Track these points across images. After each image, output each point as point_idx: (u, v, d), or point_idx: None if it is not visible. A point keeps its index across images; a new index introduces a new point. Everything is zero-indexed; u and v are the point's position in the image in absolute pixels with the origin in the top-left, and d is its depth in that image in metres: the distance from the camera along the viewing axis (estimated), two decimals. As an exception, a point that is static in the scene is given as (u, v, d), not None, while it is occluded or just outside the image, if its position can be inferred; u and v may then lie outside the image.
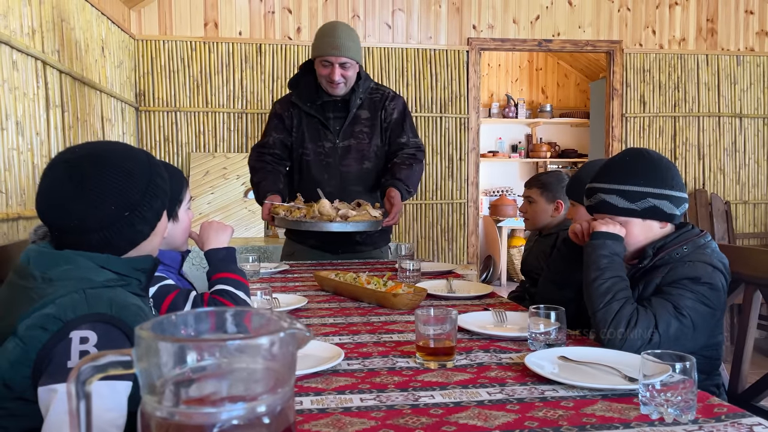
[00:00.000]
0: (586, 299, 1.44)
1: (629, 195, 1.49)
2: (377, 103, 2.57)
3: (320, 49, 2.41)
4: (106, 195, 1.05)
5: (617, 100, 4.99)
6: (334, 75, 2.40)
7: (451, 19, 4.79)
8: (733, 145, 5.11)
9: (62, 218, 1.05)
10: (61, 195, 1.04)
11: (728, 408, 0.96)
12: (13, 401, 0.94)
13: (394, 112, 2.57)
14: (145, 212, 1.10)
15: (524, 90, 7.30)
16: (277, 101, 2.67)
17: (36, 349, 0.92)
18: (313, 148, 2.55)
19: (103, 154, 1.09)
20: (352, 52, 2.40)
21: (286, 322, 0.51)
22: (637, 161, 1.52)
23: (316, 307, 1.74)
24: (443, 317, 1.20)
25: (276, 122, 2.59)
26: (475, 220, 4.95)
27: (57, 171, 1.07)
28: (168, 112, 4.51)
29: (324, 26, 2.48)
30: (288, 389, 0.50)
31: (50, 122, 2.90)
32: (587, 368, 1.15)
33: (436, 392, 1.05)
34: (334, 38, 2.37)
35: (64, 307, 0.95)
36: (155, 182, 1.13)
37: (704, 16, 5.03)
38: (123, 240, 1.09)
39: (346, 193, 2.50)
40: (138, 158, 1.12)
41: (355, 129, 2.55)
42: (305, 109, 2.53)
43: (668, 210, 1.49)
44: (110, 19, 3.85)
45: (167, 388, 0.47)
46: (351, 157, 2.55)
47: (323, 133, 2.55)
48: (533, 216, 2.50)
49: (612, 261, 1.45)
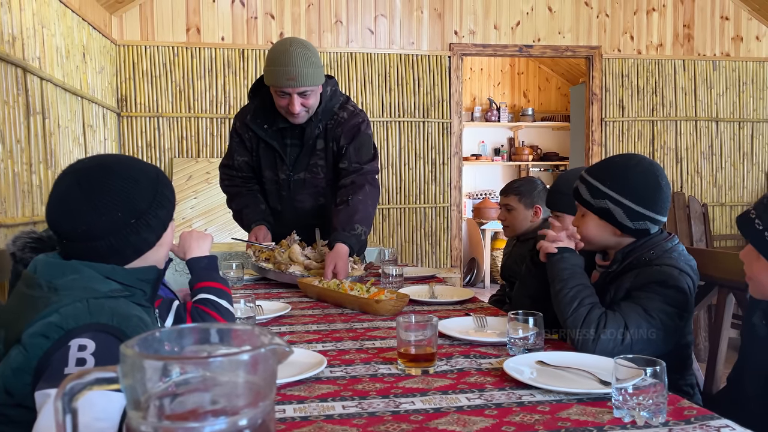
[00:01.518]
0: (556, 310, 1.48)
1: (593, 190, 1.54)
2: (329, 132, 2.27)
3: (274, 78, 2.08)
4: (113, 202, 1.08)
5: (596, 104, 5.06)
6: (293, 107, 2.11)
7: (433, 25, 4.84)
8: (709, 149, 5.21)
9: (71, 225, 1.07)
10: (70, 202, 1.08)
11: (698, 410, 0.99)
12: (13, 408, 0.96)
13: (340, 138, 2.26)
14: (150, 220, 1.13)
15: (506, 94, 7.38)
16: (237, 115, 2.39)
17: (37, 357, 0.94)
18: (270, 176, 2.35)
19: (112, 163, 1.13)
20: (312, 79, 2.09)
21: (266, 337, 0.53)
22: (618, 164, 1.56)
23: (299, 314, 1.75)
24: (424, 324, 1.23)
25: (237, 142, 2.36)
26: (459, 224, 4.99)
27: (67, 180, 1.10)
28: (150, 117, 4.50)
29: (276, 49, 2.10)
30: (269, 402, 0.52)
31: (31, 129, 2.89)
32: (564, 373, 1.18)
33: (417, 398, 1.07)
34: (289, 66, 2.04)
35: (66, 315, 0.97)
36: (162, 192, 1.16)
37: (681, 22, 5.13)
38: (129, 247, 1.11)
39: (303, 228, 2.31)
40: (145, 169, 1.16)
41: (310, 161, 2.28)
42: (261, 134, 2.28)
43: (619, 218, 1.50)
44: (91, 24, 3.83)
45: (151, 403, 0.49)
46: (305, 192, 2.33)
47: (279, 162, 2.31)
48: (513, 223, 2.53)
49: (573, 272, 1.49)
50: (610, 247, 1.58)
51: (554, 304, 1.50)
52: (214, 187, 4.52)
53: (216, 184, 4.67)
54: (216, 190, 4.52)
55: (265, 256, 2.16)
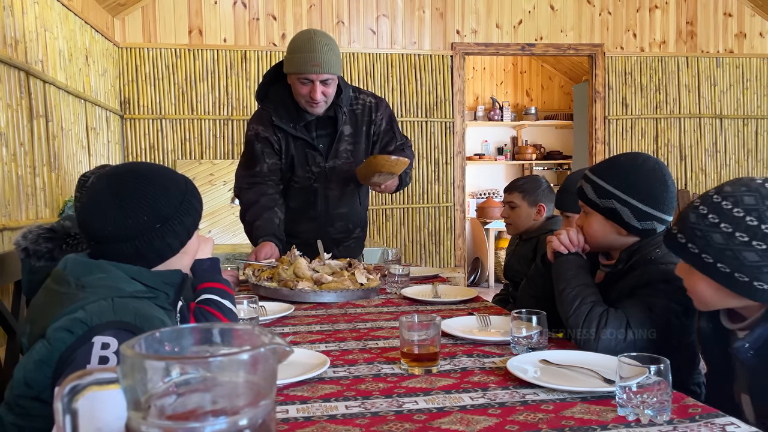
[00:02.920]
0: (559, 309, 1.48)
1: (599, 190, 1.53)
2: (359, 116, 2.32)
3: (298, 65, 2.11)
4: (141, 206, 1.12)
5: (600, 102, 5.05)
6: (315, 94, 2.13)
7: (435, 25, 4.83)
8: (714, 146, 5.19)
9: (99, 226, 1.11)
10: (101, 204, 1.12)
11: (702, 408, 0.99)
12: (31, 400, 0.98)
13: (382, 122, 2.35)
14: (175, 226, 1.16)
15: (509, 93, 7.37)
16: (254, 121, 2.32)
17: (60, 351, 0.96)
18: (302, 173, 2.32)
19: (143, 170, 1.18)
20: (335, 68, 2.14)
21: (266, 337, 0.53)
22: (624, 164, 1.55)
23: (302, 315, 1.75)
24: (427, 323, 1.22)
25: (264, 146, 2.28)
26: (462, 223, 4.98)
27: (99, 184, 1.15)
28: (153, 119, 4.51)
29: (300, 38, 2.16)
30: (269, 402, 0.52)
31: (34, 132, 2.90)
32: (567, 371, 1.18)
33: (420, 398, 1.07)
34: (314, 53, 2.09)
35: (91, 312, 0.99)
36: (189, 200, 1.20)
37: (684, 19, 5.12)
38: (153, 251, 1.15)
39: (329, 217, 2.35)
40: (175, 178, 1.21)
41: (340, 148, 2.31)
42: (291, 132, 2.26)
43: (626, 218, 1.49)
44: (94, 27, 3.85)
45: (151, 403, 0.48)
46: (335, 179, 2.34)
47: (311, 155, 2.30)
48: (516, 221, 2.53)
49: (577, 272, 1.50)
50: (614, 247, 1.57)
51: (557, 304, 1.50)
52: (217, 188, 4.53)
53: (219, 185, 4.70)
54: (219, 192, 4.54)
55: (267, 275, 1.97)
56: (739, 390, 1.23)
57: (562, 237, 1.57)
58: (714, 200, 1.17)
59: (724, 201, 1.15)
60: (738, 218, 1.13)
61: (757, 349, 1.13)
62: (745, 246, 1.11)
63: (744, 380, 1.20)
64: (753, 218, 1.12)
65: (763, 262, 1.11)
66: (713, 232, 1.15)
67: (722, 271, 1.14)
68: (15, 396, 0.99)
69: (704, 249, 1.16)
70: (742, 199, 1.14)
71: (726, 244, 1.13)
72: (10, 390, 1.01)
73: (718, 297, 1.19)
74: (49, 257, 1.34)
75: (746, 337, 1.14)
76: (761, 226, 1.11)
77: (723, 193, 1.17)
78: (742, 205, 1.13)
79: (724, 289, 1.16)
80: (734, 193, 1.15)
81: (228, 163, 4.54)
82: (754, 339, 1.13)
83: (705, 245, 1.16)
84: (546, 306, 1.48)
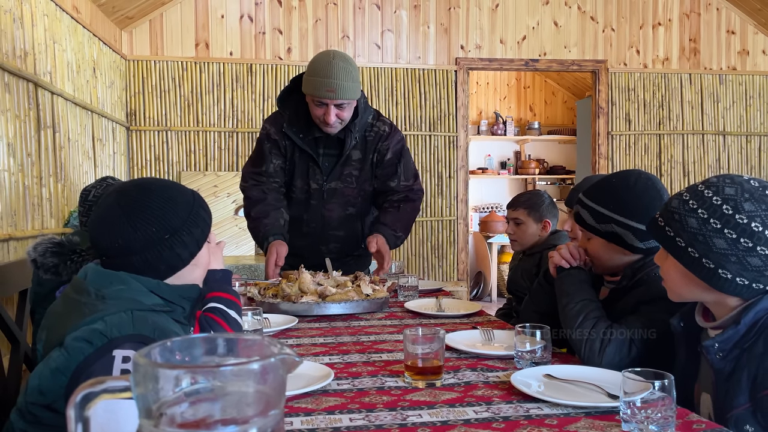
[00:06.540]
0: (563, 324, 1.48)
1: (597, 215, 1.53)
2: (369, 143, 2.31)
3: (314, 88, 2.10)
4: (149, 219, 1.13)
5: (603, 118, 5.07)
6: (329, 117, 2.13)
7: (440, 40, 4.87)
8: (717, 162, 5.20)
9: (109, 240, 1.13)
10: (110, 219, 1.14)
11: (707, 424, 0.99)
12: (43, 409, 0.98)
13: (387, 152, 2.32)
14: (184, 236, 1.17)
15: (512, 107, 7.40)
16: (269, 121, 2.35)
17: (77, 361, 0.97)
18: (301, 185, 2.33)
19: (151, 184, 1.20)
20: (350, 93, 2.11)
21: (276, 347, 0.54)
22: (617, 186, 1.55)
23: (306, 327, 1.76)
24: (431, 337, 1.23)
25: (271, 147, 2.31)
26: (465, 237, 4.99)
27: (109, 199, 1.17)
28: (159, 131, 4.54)
29: (319, 60, 2.13)
30: (278, 412, 0.53)
31: (41, 143, 2.92)
32: (571, 386, 1.18)
33: (424, 411, 1.07)
34: (330, 78, 2.07)
35: (111, 324, 1.00)
36: (197, 212, 1.21)
37: (687, 36, 5.15)
38: (163, 263, 1.16)
39: (324, 237, 2.35)
40: (183, 191, 1.22)
41: (344, 171, 2.30)
42: (297, 143, 2.27)
43: (629, 240, 1.49)
44: (102, 40, 3.89)
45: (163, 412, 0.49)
46: (335, 201, 2.32)
47: (312, 170, 2.30)
48: (522, 237, 2.53)
49: (580, 287, 1.50)
50: (620, 267, 1.57)
51: (561, 319, 1.50)
52: (221, 200, 4.55)
53: (223, 197, 4.73)
54: (223, 204, 4.56)
55: (272, 292, 1.98)
56: (699, 389, 1.24)
57: (563, 251, 1.58)
58: (698, 189, 1.19)
59: (707, 190, 1.17)
60: (715, 206, 1.15)
61: (725, 350, 1.14)
62: (716, 233, 1.13)
63: (707, 380, 1.20)
64: (729, 207, 1.13)
65: (731, 251, 1.12)
66: (690, 217, 1.17)
67: (691, 256, 1.16)
68: (28, 403, 0.99)
69: (678, 232, 1.18)
70: (723, 189, 1.16)
71: (699, 229, 1.15)
72: (23, 396, 1.01)
73: (685, 284, 1.20)
74: (54, 272, 1.34)
75: (716, 337, 1.15)
76: (735, 215, 1.12)
77: (707, 183, 1.19)
78: (722, 194, 1.15)
79: (692, 276, 1.17)
80: (717, 183, 1.17)
81: (232, 175, 4.56)
82: (724, 340, 1.14)
83: (680, 229, 1.18)
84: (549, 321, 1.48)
